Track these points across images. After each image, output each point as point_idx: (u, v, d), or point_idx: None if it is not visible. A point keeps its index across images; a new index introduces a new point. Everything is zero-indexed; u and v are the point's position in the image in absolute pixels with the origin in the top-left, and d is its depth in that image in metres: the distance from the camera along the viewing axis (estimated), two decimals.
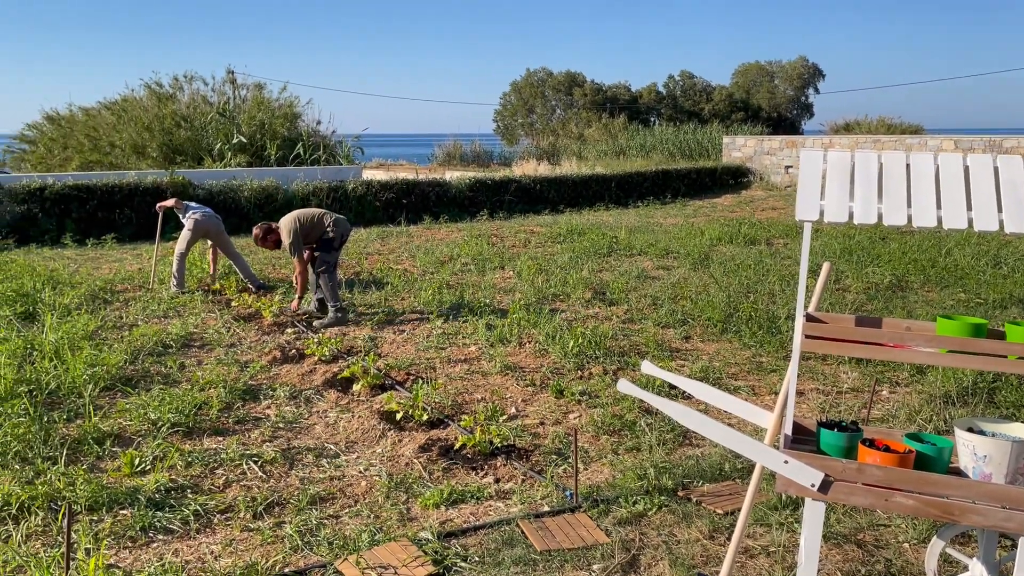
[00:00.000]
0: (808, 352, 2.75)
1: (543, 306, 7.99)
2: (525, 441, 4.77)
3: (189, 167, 20.29)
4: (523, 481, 4.25)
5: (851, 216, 2.57)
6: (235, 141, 21.67)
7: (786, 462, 2.63)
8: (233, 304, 8.26)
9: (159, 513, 3.84)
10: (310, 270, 7.82)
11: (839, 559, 3.45)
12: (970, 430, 2.69)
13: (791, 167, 21.22)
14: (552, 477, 4.24)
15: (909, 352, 2.68)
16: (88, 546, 3.51)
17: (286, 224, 7.58)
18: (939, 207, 2.52)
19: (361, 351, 6.63)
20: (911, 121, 33.23)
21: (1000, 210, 2.46)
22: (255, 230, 7.93)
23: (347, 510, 3.95)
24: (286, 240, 7.54)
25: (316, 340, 6.68)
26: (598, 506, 3.91)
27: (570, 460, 4.42)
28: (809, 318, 2.90)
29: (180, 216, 9.12)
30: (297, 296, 7.85)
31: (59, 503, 3.86)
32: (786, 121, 53.56)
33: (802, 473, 2.61)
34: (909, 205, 2.55)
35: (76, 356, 6.01)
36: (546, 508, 3.92)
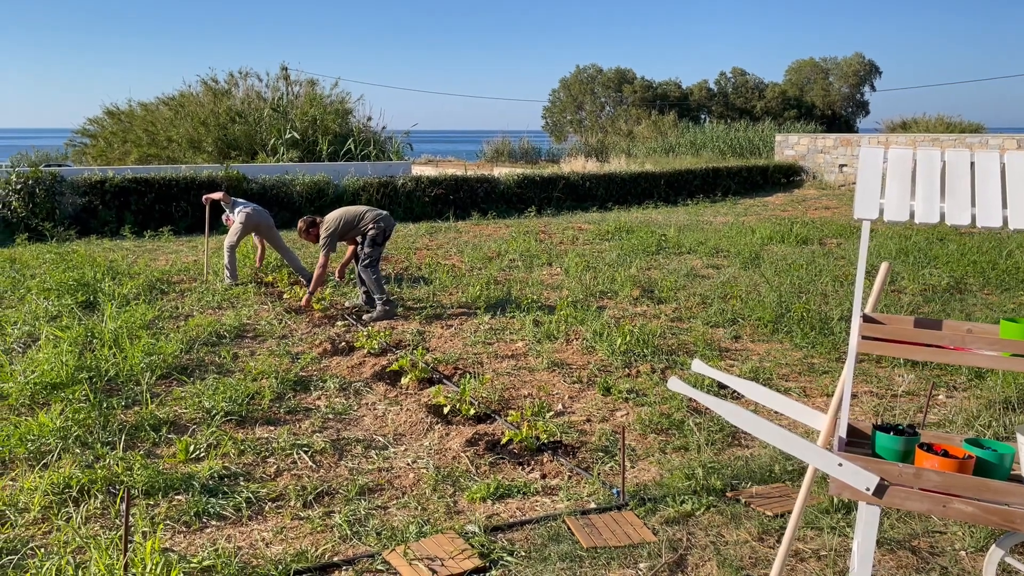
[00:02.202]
0: (863, 354, 2.70)
1: (590, 303, 7.97)
2: (571, 438, 4.77)
3: (243, 162, 20.68)
4: (569, 478, 4.25)
5: (912, 215, 2.51)
6: (288, 136, 22.02)
7: (840, 465, 2.58)
8: (285, 297, 8.41)
9: (212, 499, 3.93)
10: (355, 265, 7.95)
11: (892, 565, 3.38)
12: None
13: (845, 166, 20.79)
14: (599, 474, 4.23)
15: (970, 355, 2.60)
16: (145, 529, 3.61)
17: (329, 220, 7.76)
18: (1005, 207, 2.45)
19: (409, 345, 6.69)
20: (972, 120, 32.28)
21: None
22: (300, 223, 8.09)
23: (395, 501, 3.99)
24: (323, 234, 7.68)
25: (365, 333, 6.76)
26: (645, 505, 3.89)
27: (617, 458, 4.41)
28: (866, 319, 2.84)
29: (228, 211, 9.29)
30: (308, 291, 7.84)
31: (117, 487, 3.98)
32: (840, 119, 52.49)
33: (857, 476, 2.56)
34: (973, 204, 2.48)
35: (134, 345, 6.18)
36: (592, 505, 3.91)
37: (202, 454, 4.48)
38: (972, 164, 2.57)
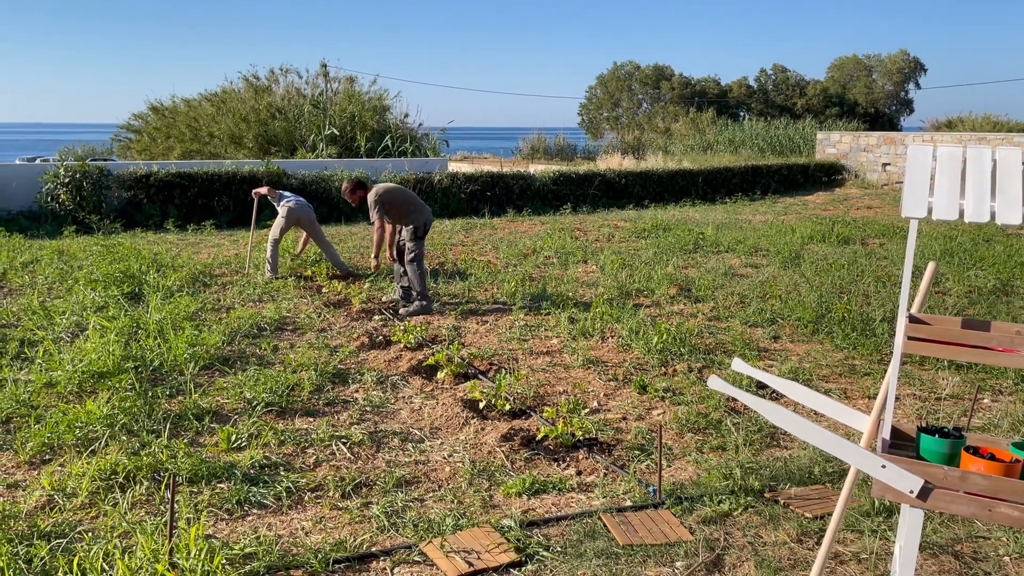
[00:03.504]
0: (908, 355, 2.66)
1: (626, 301, 7.94)
2: (607, 435, 4.77)
3: (283, 157, 20.95)
4: (605, 475, 4.24)
5: (961, 214, 2.47)
6: (327, 132, 22.26)
7: (884, 467, 2.55)
8: (324, 290, 8.51)
9: (254, 488, 4.00)
10: (396, 261, 7.91)
11: (935, 569, 3.33)
12: None
13: (888, 165, 20.42)
14: (635, 472, 4.22)
15: (1019, 357, 2.55)
16: (189, 516, 3.68)
17: (380, 187, 7.70)
18: None
19: (445, 340, 6.73)
20: (1020, 119, 31.51)
21: None
22: (345, 184, 8.11)
23: (431, 494, 4.03)
24: (371, 198, 7.60)
25: (402, 328, 6.81)
26: (681, 504, 3.87)
27: (653, 456, 4.39)
28: (912, 319, 2.80)
29: (274, 204, 9.44)
30: (373, 254, 7.93)
31: (162, 474, 4.07)
32: (884, 117, 51.52)
33: (901, 479, 2.53)
34: None
35: (178, 336, 6.30)
36: (628, 503, 3.91)
37: (243, 443, 4.56)
38: None
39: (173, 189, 13.50)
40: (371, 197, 7.62)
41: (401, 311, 7.66)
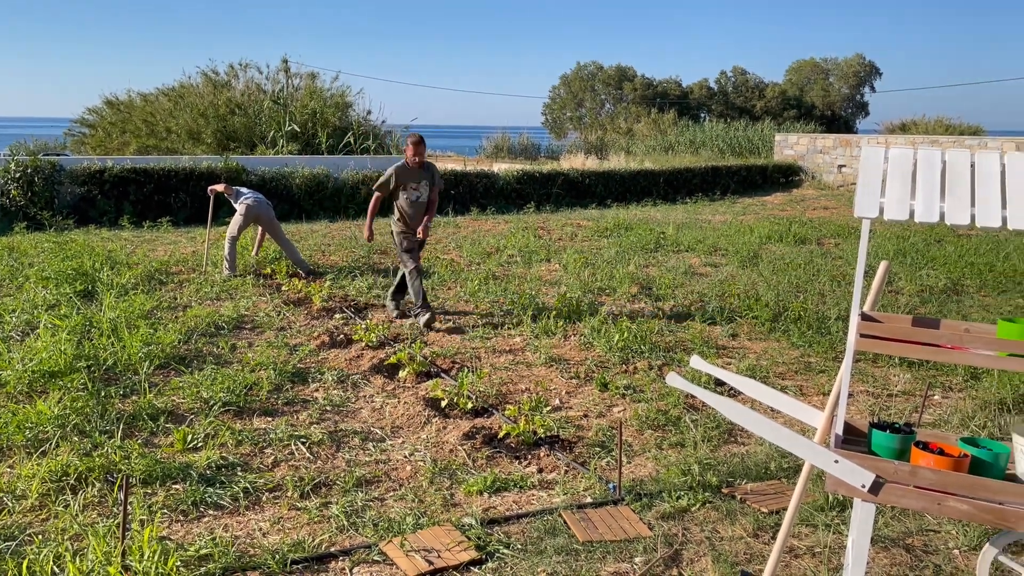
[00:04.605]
0: (861, 352, 2.71)
1: (589, 300, 7.98)
2: (569, 433, 4.79)
3: (242, 154, 20.66)
4: (566, 472, 4.26)
5: (912, 214, 2.53)
6: (287, 129, 22.00)
7: (837, 462, 2.60)
8: (283, 289, 8.41)
9: (210, 489, 3.94)
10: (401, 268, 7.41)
11: (886, 563, 3.40)
12: None
13: (844, 166, 20.80)
14: (595, 469, 4.24)
15: (967, 354, 2.62)
16: (142, 518, 3.62)
17: (391, 169, 7.26)
18: (1004, 207, 2.46)
19: (407, 338, 6.70)
20: (971, 122, 32.33)
21: None
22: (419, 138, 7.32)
23: (392, 493, 4.00)
24: (381, 177, 7.28)
25: (364, 326, 6.76)
26: (641, 500, 3.91)
27: (613, 453, 4.42)
28: (864, 317, 2.85)
29: (231, 201, 9.31)
30: (367, 225, 7.46)
31: (115, 475, 3.99)
32: (840, 120, 52.51)
33: (853, 473, 2.58)
34: (973, 204, 2.49)
35: (132, 334, 6.18)
36: (589, 500, 3.93)
37: (200, 444, 4.49)
38: (972, 165, 2.58)
39: (128, 185, 13.23)
40: (385, 176, 7.24)
41: (422, 321, 7.05)
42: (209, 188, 9.49)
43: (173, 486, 3.99)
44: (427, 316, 7.00)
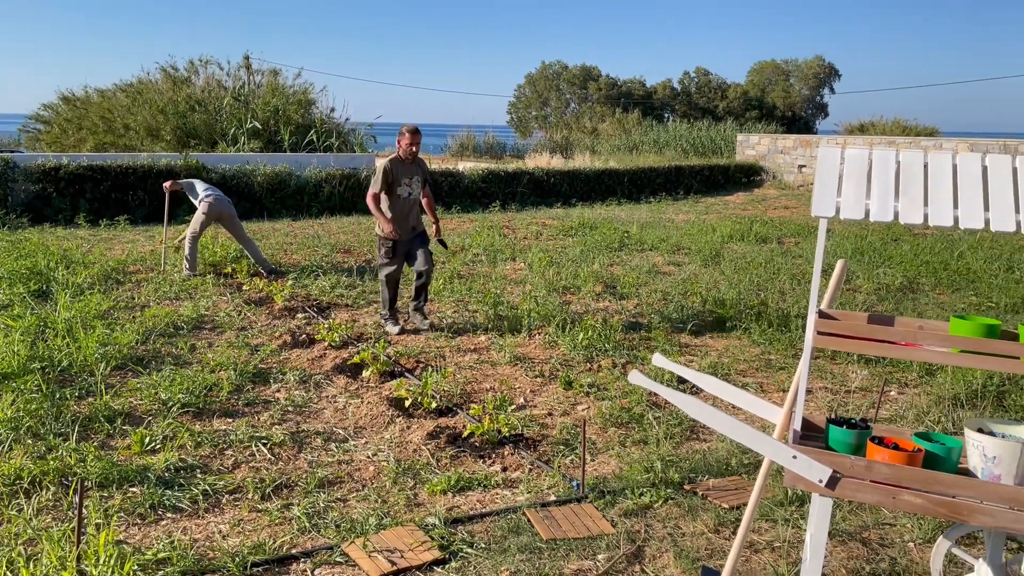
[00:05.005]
0: (819, 349, 2.75)
1: (554, 298, 8.00)
2: (533, 431, 4.79)
3: (203, 151, 20.35)
4: (530, 470, 4.27)
5: (867, 213, 2.57)
6: (249, 126, 21.71)
7: (795, 457, 2.64)
8: (244, 288, 8.30)
9: (168, 491, 3.87)
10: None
11: (843, 556, 3.46)
12: (980, 431, 2.69)
13: (804, 166, 21.13)
14: (559, 467, 4.26)
15: (921, 351, 2.67)
16: (98, 521, 3.54)
17: (383, 164, 6.73)
18: (956, 207, 2.52)
19: (371, 338, 6.65)
20: (927, 124, 33.03)
21: (1018, 211, 2.46)
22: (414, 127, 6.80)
23: (355, 494, 3.98)
24: (376, 175, 6.69)
25: (327, 326, 6.70)
26: (604, 497, 3.93)
27: (577, 451, 4.44)
28: (822, 315, 2.90)
29: (191, 199, 9.15)
30: (383, 221, 6.65)
31: (70, 479, 3.90)
32: (800, 120, 53.31)
33: (810, 468, 2.62)
34: (926, 204, 2.54)
35: (88, 335, 6.05)
36: (553, 498, 3.94)
37: (158, 446, 4.41)
38: (925, 165, 2.64)
39: (84, 182, 12.95)
40: (378, 173, 6.69)
41: (421, 325, 6.90)
42: (164, 185, 9.28)
43: (130, 489, 3.92)
44: (396, 328, 6.81)
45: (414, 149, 6.71)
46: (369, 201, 6.67)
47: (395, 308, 7.01)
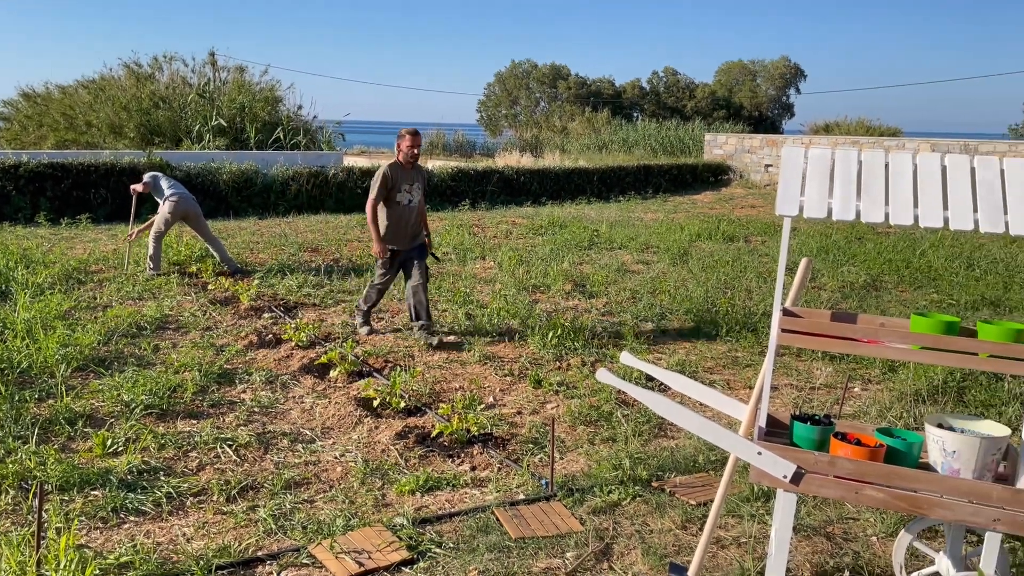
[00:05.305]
0: (784, 347, 2.78)
1: (523, 297, 8.00)
2: (502, 430, 4.79)
3: (167, 148, 20.06)
4: (499, 469, 4.26)
5: (830, 212, 2.61)
6: (214, 123, 21.44)
7: (760, 453, 2.66)
8: (209, 288, 8.19)
9: (131, 495, 3.81)
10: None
11: (808, 551, 3.50)
12: (940, 426, 2.74)
13: (771, 166, 21.37)
14: (528, 466, 4.26)
15: (883, 348, 2.72)
16: (59, 526, 3.47)
17: (383, 170, 6.36)
18: (916, 206, 2.56)
19: (339, 337, 6.60)
20: (890, 124, 33.59)
21: (975, 210, 2.50)
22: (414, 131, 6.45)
23: (322, 495, 3.94)
24: (375, 182, 6.34)
25: (293, 326, 6.64)
26: (573, 495, 3.93)
27: (546, 449, 4.44)
28: (786, 312, 2.93)
29: (156, 197, 9.00)
30: (375, 240, 6.46)
31: (29, 482, 3.82)
32: (767, 120, 53.91)
33: (775, 464, 2.65)
34: (887, 203, 2.58)
35: (48, 336, 5.93)
36: (521, 496, 3.94)
37: (120, 448, 4.34)
38: (886, 165, 2.68)
39: (45, 180, 12.68)
40: (376, 180, 6.35)
41: (432, 342, 6.39)
42: (133, 188, 9.11)
43: (91, 492, 3.84)
44: (366, 329, 6.71)
45: (415, 152, 6.35)
46: (368, 211, 6.38)
47: (372, 311, 6.87)
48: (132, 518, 3.65)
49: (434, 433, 4.62)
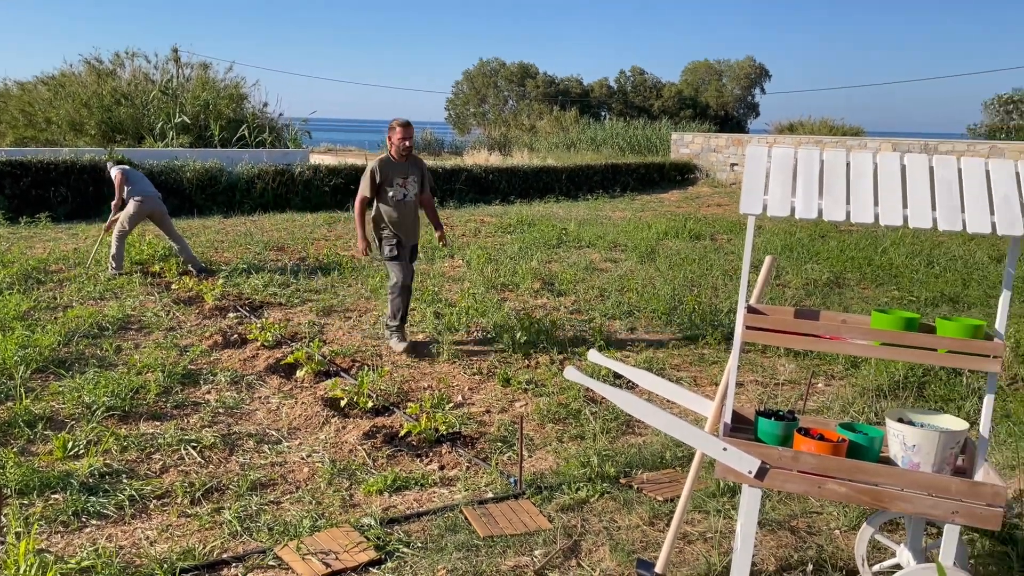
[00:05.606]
0: (749, 343, 2.81)
1: (492, 295, 8.00)
2: (471, 429, 4.79)
3: (129, 146, 19.72)
4: (468, 468, 4.26)
5: (793, 211, 2.64)
6: (178, 121, 21.13)
7: (725, 449, 2.69)
8: (173, 287, 8.07)
9: (92, 498, 3.74)
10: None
11: (773, 545, 3.55)
12: (900, 421, 2.79)
13: (736, 165, 21.60)
14: (497, 464, 4.26)
15: (845, 344, 2.76)
16: (19, 530, 3.40)
17: (370, 165, 6.17)
18: (876, 204, 2.60)
19: (305, 337, 6.55)
20: (853, 123, 34.15)
21: (934, 208, 2.55)
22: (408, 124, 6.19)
23: (288, 496, 3.91)
24: (363, 177, 6.16)
25: (259, 325, 6.57)
26: (541, 493, 3.94)
27: (515, 448, 4.45)
28: (750, 310, 2.96)
29: (120, 195, 8.83)
30: (359, 237, 6.25)
31: None
32: (733, 120, 54.43)
33: (740, 460, 2.68)
34: (848, 202, 2.62)
35: (7, 337, 5.81)
36: (490, 495, 3.94)
37: (81, 451, 4.26)
38: (848, 164, 2.72)
39: (3, 178, 12.39)
40: (364, 178, 6.14)
41: (394, 346, 6.21)
42: (115, 176, 8.81)
43: (52, 496, 3.77)
44: (402, 345, 6.14)
45: (407, 144, 6.04)
46: (355, 207, 6.19)
47: (405, 321, 6.32)
48: (94, 522, 3.59)
49: (402, 432, 4.60)
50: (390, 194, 6.07)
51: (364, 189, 6.09)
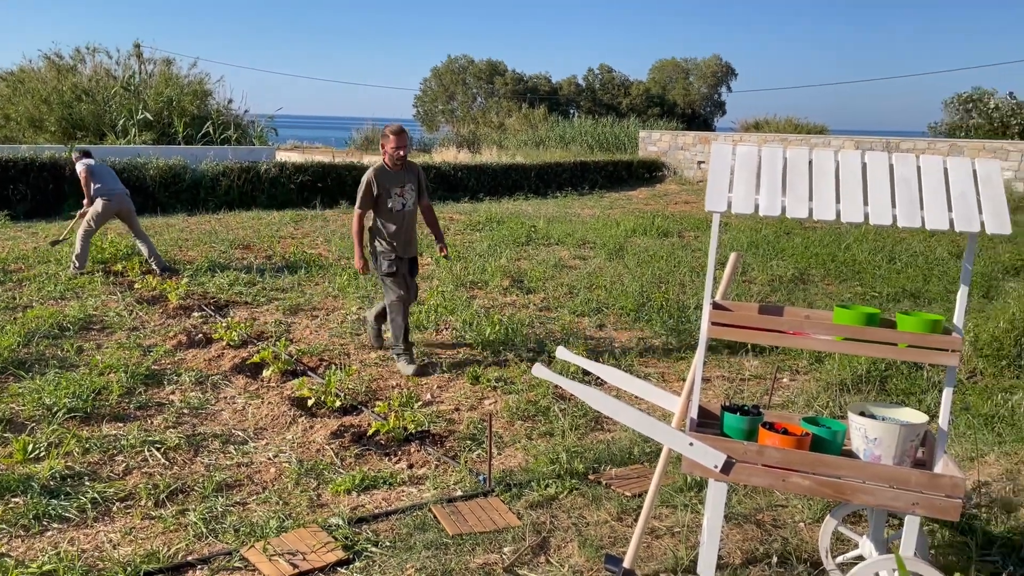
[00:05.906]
0: (715, 339, 2.84)
1: (461, 293, 7.99)
2: (440, 427, 4.78)
3: (90, 143, 19.37)
4: (437, 466, 4.25)
5: (757, 208, 2.67)
6: (140, 117, 20.79)
7: (691, 444, 2.72)
8: (136, 286, 7.94)
9: (54, 501, 3.68)
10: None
11: (739, 538, 3.59)
12: (862, 414, 2.84)
13: (703, 162, 21.79)
14: (466, 462, 4.25)
15: (808, 339, 2.80)
16: None
17: (366, 176, 5.84)
18: (838, 201, 2.64)
19: (272, 336, 6.48)
20: (816, 122, 34.59)
21: (894, 205, 2.60)
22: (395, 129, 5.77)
23: (255, 497, 3.87)
24: (359, 190, 5.83)
25: (224, 324, 6.49)
26: (511, 490, 3.95)
27: (484, 445, 4.45)
28: (716, 306, 2.99)
29: (89, 187, 8.63)
30: (356, 255, 5.89)
31: None
32: (700, 118, 54.89)
33: (706, 455, 2.70)
34: (811, 199, 2.66)
35: None
36: (459, 493, 3.93)
37: (42, 453, 4.18)
38: (810, 162, 2.76)
39: None
40: (361, 187, 5.80)
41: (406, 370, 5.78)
42: (80, 171, 8.64)
43: (12, 499, 3.69)
44: (411, 368, 5.70)
45: (401, 152, 5.67)
46: (353, 223, 5.84)
47: (410, 342, 5.92)
48: (55, 525, 3.52)
49: (370, 431, 4.58)
50: (389, 205, 5.73)
51: (361, 203, 5.76)
